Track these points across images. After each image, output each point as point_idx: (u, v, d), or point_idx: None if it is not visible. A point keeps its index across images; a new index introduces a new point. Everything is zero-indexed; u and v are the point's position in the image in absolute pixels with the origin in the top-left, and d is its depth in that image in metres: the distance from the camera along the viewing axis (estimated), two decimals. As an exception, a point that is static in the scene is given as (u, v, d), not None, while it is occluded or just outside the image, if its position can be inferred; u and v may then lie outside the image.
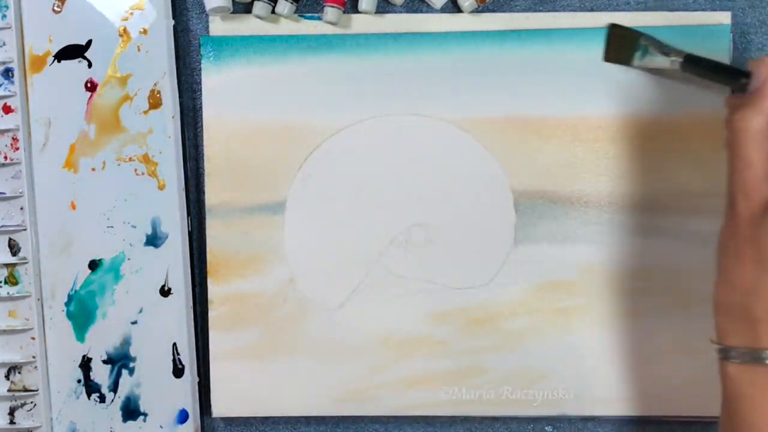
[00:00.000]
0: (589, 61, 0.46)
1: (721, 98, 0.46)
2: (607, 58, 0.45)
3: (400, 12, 0.48)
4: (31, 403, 0.48)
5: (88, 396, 0.48)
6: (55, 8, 0.47)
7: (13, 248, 0.48)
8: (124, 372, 0.48)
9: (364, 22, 0.48)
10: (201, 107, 0.48)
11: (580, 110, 0.47)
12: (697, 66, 0.42)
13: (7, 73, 0.47)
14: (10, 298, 0.48)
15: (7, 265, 0.48)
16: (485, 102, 0.47)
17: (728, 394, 0.37)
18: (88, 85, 0.47)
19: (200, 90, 0.48)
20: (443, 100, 0.47)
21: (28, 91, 0.47)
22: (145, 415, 0.48)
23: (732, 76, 0.40)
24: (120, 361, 0.48)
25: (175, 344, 0.48)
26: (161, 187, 0.47)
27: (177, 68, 0.47)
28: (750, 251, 0.35)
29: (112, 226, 0.47)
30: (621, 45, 0.45)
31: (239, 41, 0.47)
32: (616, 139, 0.47)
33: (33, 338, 0.48)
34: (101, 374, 0.48)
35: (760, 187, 0.34)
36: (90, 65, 0.47)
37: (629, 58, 0.45)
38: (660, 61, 0.43)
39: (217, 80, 0.47)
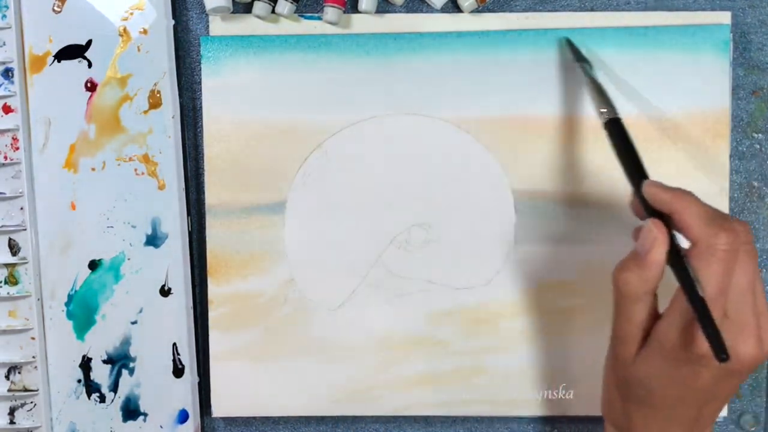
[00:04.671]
0: (589, 61, 0.46)
1: (724, 96, 0.46)
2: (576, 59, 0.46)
3: (400, 12, 0.48)
4: (31, 403, 0.48)
5: (88, 396, 0.48)
6: (55, 8, 0.47)
7: (13, 248, 0.48)
8: (124, 372, 0.48)
9: (364, 22, 0.48)
10: (201, 107, 0.48)
11: (579, 110, 0.47)
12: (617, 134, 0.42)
13: (7, 73, 0.47)
14: (10, 298, 0.48)
15: (7, 265, 0.48)
16: (485, 102, 0.47)
17: None
18: (88, 85, 0.47)
19: (200, 90, 0.48)
20: (443, 100, 0.47)
21: (28, 91, 0.47)
22: (145, 415, 0.48)
23: (631, 174, 0.40)
24: (120, 361, 0.48)
25: (175, 344, 0.48)
26: (161, 187, 0.47)
27: (177, 68, 0.47)
28: (620, 390, 0.40)
29: (112, 226, 0.47)
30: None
31: (239, 41, 0.47)
32: (616, 139, 0.47)
33: (33, 338, 0.48)
34: (101, 374, 0.48)
35: (636, 338, 0.38)
36: (90, 65, 0.47)
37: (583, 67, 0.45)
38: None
39: (217, 80, 0.47)
